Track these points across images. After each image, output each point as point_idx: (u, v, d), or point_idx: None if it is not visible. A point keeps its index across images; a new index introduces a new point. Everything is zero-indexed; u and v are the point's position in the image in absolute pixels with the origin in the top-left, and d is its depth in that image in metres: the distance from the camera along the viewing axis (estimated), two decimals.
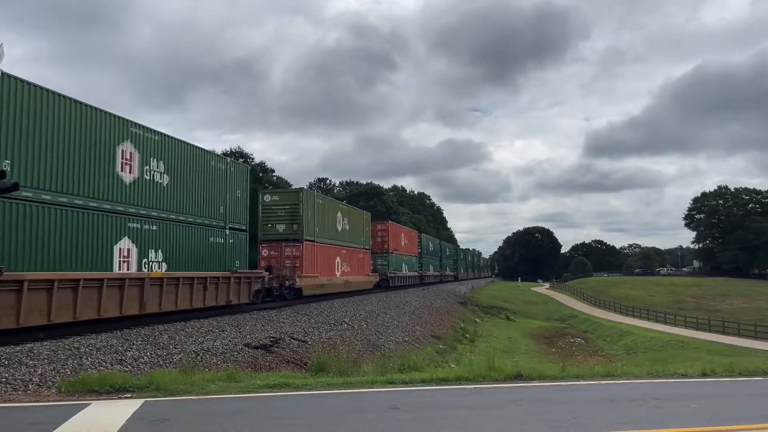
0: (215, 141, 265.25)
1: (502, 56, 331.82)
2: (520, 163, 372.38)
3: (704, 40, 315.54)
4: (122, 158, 15.69)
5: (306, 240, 27.23)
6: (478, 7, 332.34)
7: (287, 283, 25.61)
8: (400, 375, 11.27)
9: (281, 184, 64.82)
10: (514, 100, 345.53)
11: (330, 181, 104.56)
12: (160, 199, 17.32)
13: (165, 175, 17.63)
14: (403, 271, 51.48)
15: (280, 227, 27.33)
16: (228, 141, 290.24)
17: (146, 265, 16.56)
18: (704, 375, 11.83)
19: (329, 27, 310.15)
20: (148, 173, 16.82)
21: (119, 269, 15.30)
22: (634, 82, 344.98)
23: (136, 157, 16.27)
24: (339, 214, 33.25)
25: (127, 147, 15.88)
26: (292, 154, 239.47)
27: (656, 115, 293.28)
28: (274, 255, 26.80)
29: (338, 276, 32.08)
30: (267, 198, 28.22)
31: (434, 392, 9.59)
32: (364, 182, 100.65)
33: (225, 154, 64.82)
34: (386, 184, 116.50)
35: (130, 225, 15.93)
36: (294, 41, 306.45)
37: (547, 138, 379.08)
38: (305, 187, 43.93)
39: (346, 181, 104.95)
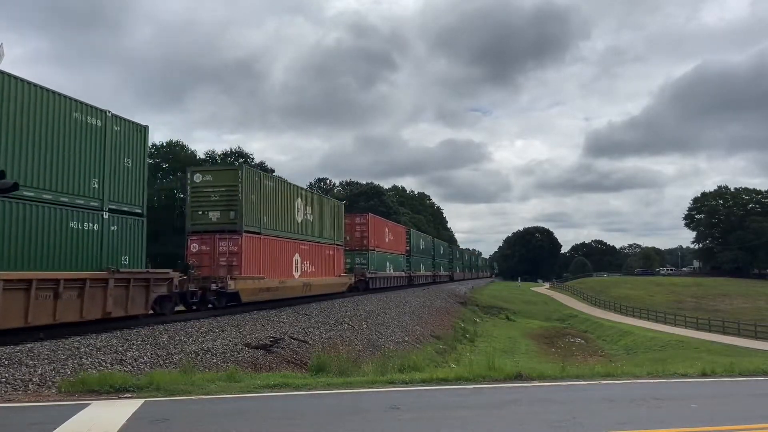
0: (215, 141, 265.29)
1: (503, 56, 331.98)
2: (520, 163, 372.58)
3: (704, 40, 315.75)
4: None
5: (247, 232, 21.63)
6: (479, 7, 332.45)
7: (214, 287, 20.16)
8: (400, 375, 11.27)
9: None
10: (515, 100, 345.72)
11: (330, 181, 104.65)
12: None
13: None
14: (387, 271, 44.97)
15: (214, 215, 21.63)
16: (228, 141, 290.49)
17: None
18: (704, 375, 11.83)
19: (329, 27, 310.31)
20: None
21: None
22: (635, 82, 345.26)
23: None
24: (299, 202, 26.49)
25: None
26: (292, 154, 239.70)
27: (656, 115, 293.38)
28: (205, 250, 21.23)
29: (296, 277, 25.95)
30: (197, 177, 22.16)
31: (434, 392, 9.59)
32: (364, 182, 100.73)
33: (225, 154, 64.84)
34: (386, 184, 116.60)
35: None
36: (294, 41, 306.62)
37: (547, 138, 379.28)
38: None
39: (346, 181, 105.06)
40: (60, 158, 14.31)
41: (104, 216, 15.67)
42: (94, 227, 15.29)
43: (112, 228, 15.90)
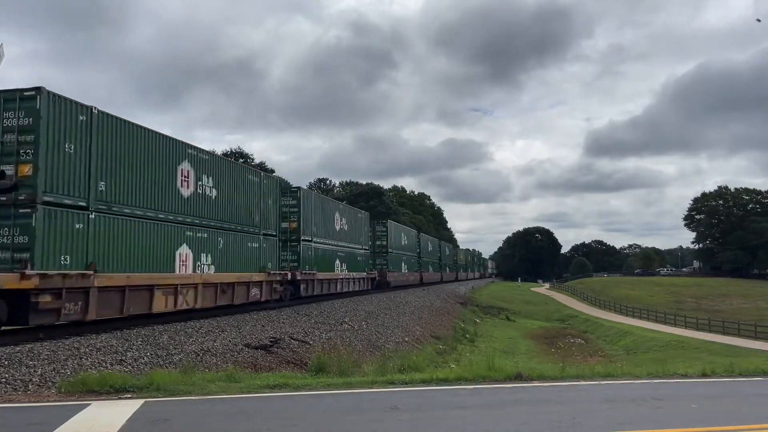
0: (215, 141, 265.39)
1: (504, 54, 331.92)
2: (520, 163, 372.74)
3: (706, 39, 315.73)
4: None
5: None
6: (480, 4, 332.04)
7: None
8: (400, 375, 11.27)
9: (281, 184, 64.79)
10: (516, 99, 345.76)
11: (330, 181, 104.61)
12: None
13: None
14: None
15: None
16: (228, 141, 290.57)
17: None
18: (704, 375, 11.84)
19: (329, 25, 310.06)
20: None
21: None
22: (636, 81, 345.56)
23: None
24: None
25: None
26: (292, 153, 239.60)
27: (657, 114, 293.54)
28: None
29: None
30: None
31: (434, 392, 9.59)
32: (364, 183, 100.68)
33: (225, 154, 64.89)
34: (386, 184, 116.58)
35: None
36: (293, 39, 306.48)
37: (548, 138, 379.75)
38: None
39: (346, 182, 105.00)
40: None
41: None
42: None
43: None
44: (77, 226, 13.50)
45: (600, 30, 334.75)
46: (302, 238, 27.29)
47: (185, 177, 17.94)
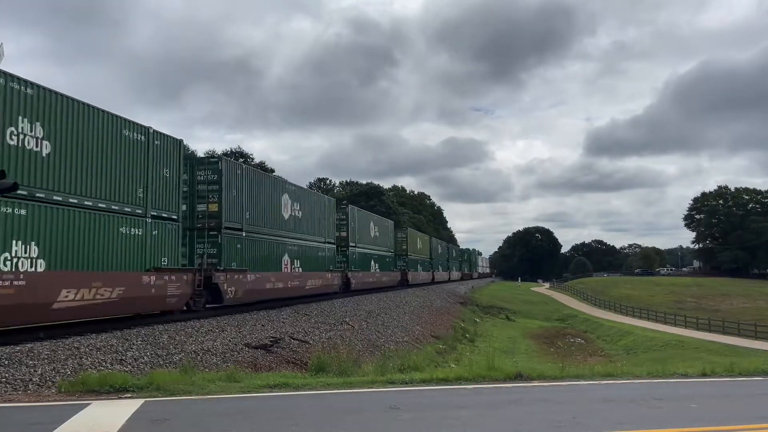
0: (215, 140, 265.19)
1: (506, 52, 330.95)
2: (521, 163, 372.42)
3: (709, 37, 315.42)
4: (284, 203, 16.06)
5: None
6: (482, 1, 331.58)
7: None
8: (400, 375, 11.28)
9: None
10: (517, 99, 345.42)
11: (330, 181, 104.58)
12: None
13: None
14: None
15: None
16: (227, 140, 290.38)
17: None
18: (704, 375, 11.83)
19: (329, 22, 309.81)
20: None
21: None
22: (637, 80, 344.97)
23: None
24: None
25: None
26: (292, 153, 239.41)
27: (658, 113, 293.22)
28: None
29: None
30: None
31: (434, 392, 9.60)
32: (364, 182, 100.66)
33: (225, 153, 64.82)
34: (386, 184, 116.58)
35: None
36: (293, 37, 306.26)
37: (548, 137, 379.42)
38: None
39: (346, 181, 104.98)
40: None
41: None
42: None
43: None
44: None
45: (602, 28, 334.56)
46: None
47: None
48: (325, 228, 30.51)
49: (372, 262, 40.26)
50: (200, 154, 62.87)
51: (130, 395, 8.84)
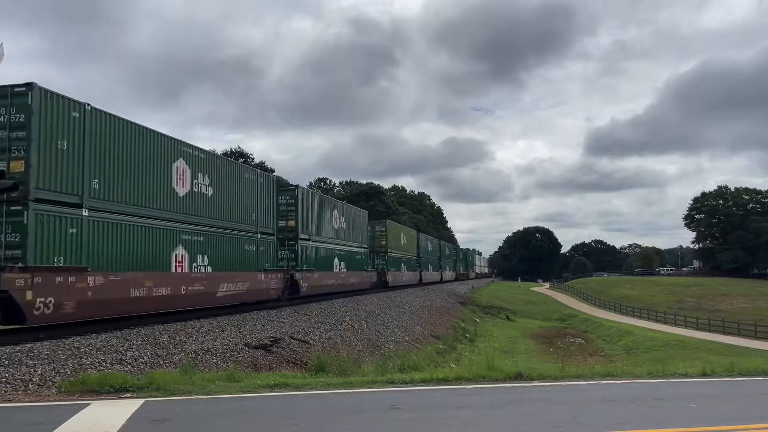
0: (216, 140, 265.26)
1: (506, 52, 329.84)
2: (521, 163, 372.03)
3: (709, 37, 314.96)
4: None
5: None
6: (482, 1, 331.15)
7: None
8: (400, 375, 11.27)
9: (281, 184, 64.71)
10: (517, 98, 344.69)
11: (330, 180, 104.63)
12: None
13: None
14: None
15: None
16: (227, 140, 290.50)
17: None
18: (704, 375, 11.83)
19: (329, 22, 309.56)
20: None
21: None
22: (638, 80, 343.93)
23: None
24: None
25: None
26: (292, 152, 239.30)
27: (659, 113, 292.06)
28: None
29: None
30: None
31: (434, 392, 9.60)
32: (364, 182, 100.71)
33: (225, 153, 64.91)
34: (386, 184, 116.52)
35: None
36: (293, 37, 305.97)
37: (549, 137, 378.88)
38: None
39: (346, 181, 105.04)
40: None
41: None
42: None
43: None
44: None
45: (603, 28, 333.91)
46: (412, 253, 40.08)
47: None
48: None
49: (336, 261, 31.95)
50: None
51: (130, 395, 8.84)
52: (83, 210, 13.98)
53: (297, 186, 27.32)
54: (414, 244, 56.38)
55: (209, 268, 18.90)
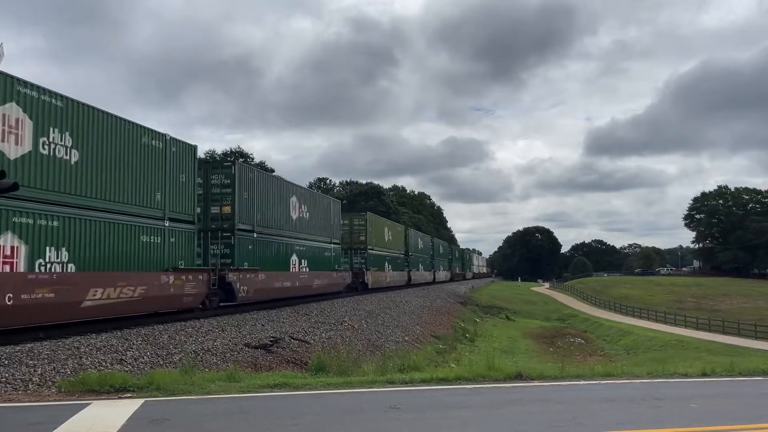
0: (215, 140, 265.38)
1: (506, 52, 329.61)
2: (521, 163, 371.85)
3: (709, 37, 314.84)
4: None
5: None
6: (482, 1, 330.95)
7: None
8: (400, 375, 11.27)
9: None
10: (517, 98, 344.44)
11: (330, 180, 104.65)
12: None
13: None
14: (386, 270, 44.98)
15: None
16: (227, 140, 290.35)
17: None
18: (704, 375, 11.84)
19: (329, 22, 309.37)
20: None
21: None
22: (638, 80, 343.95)
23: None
24: (386, 231, 43.41)
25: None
26: (292, 152, 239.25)
27: (659, 113, 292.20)
28: None
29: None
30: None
31: (434, 392, 9.60)
32: (364, 182, 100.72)
33: (225, 153, 64.87)
34: (386, 184, 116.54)
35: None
36: (293, 37, 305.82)
37: (549, 137, 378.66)
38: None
39: (346, 181, 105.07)
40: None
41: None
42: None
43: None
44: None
45: (603, 27, 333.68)
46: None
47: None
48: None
49: (294, 258, 26.01)
50: (200, 154, 62.88)
51: (130, 395, 8.84)
52: (254, 233, 22.20)
53: (234, 161, 22.55)
54: (401, 240, 50.52)
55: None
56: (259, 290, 22.06)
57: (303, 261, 27.09)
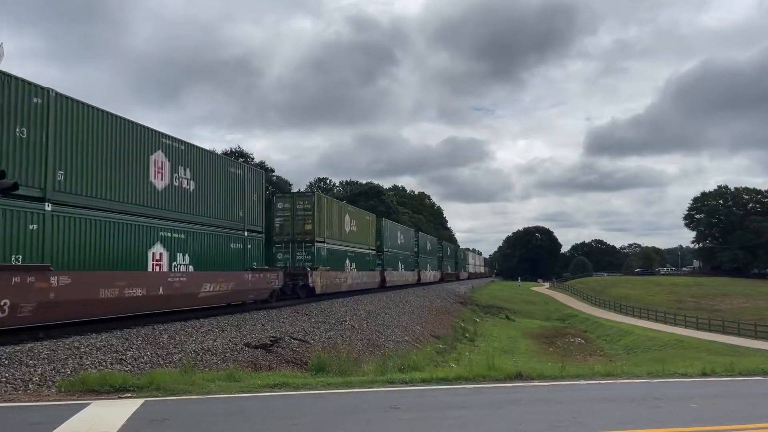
0: (215, 140, 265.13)
1: (506, 51, 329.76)
2: (521, 162, 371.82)
3: (710, 37, 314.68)
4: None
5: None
6: (482, 0, 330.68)
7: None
8: (400, 375, 11.27)
9: (281, 184, 64.62)
10: (517, 98, 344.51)
11: (330, 180, 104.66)
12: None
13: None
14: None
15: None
16: (227, 140, 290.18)
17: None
18: (704, 375, 11.83)
19: (329, 21, 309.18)
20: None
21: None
22: (638, 79, 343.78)
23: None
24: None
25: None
26: (292, 152, 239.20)
27: (659, 113, 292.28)
28: None
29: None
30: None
31: (434, 392, 9.59)
32: (364, 182, 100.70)
33: (225, 153, 64.88)
34: (386, 184, 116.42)
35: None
36: (293, 36, 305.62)
37: (549, 137, 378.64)
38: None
39: (346, 181, 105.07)
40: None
41: (245, 235, 22.13)
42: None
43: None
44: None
45: (603, 27, 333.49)
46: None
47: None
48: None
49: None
50: None
51: (129, 395, 8.84)
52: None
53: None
54: (371, 233, 41.12)
55: (190, 267, 18.24)
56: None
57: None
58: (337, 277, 31.93)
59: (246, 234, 21.89)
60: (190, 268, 18.01)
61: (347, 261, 34.63)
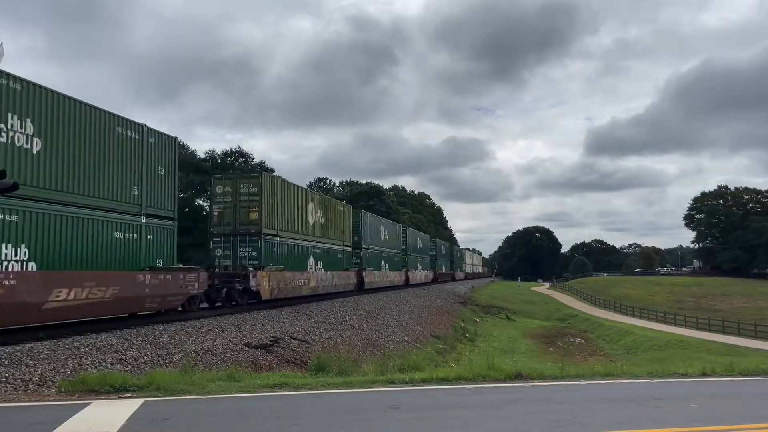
0: (215, 140, 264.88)
1: (507, 51, 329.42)
2: (521, 162, 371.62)
3: (710, 36, 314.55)
4: None
5: None
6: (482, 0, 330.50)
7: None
8: (400, 375, 11.26)
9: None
10: (518, 98, 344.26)
11: (330, 180, 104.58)
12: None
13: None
14: (382, 270, 47.18)
15: None
16: (227, 140, 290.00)
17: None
18: (704, 375, 11.83)
19: (329, 20, 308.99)
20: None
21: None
22: (639, 79, 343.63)
23: None
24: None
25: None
26: (292, 152, 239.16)
27: (660, 112, 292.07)
28: None
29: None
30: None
31: (434, 392, 9.59)
32: (364, 182, 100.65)
33: (225, 153, 64.77)
34: (386, 183, 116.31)
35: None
36: (293, 36, 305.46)
37: (549, 137, 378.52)
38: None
39: (346, 181, 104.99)
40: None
41: (142, 221, 17.01)
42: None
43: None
44: (273, 248, 24.13)
45: (604, 26, 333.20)
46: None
47: None
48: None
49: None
50: (200, 154, 62.85)
51: (129, 395, 8.84)
52: (277, 238, 24.77)
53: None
54: (347, 227, 35.63)
55: (31, 265, 12.89)
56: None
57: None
58: (295, 279, 26.06)
59: (144, 220, 16.61)
60: (31, 265, 12.79)
61: (311, 259, 29.06)
